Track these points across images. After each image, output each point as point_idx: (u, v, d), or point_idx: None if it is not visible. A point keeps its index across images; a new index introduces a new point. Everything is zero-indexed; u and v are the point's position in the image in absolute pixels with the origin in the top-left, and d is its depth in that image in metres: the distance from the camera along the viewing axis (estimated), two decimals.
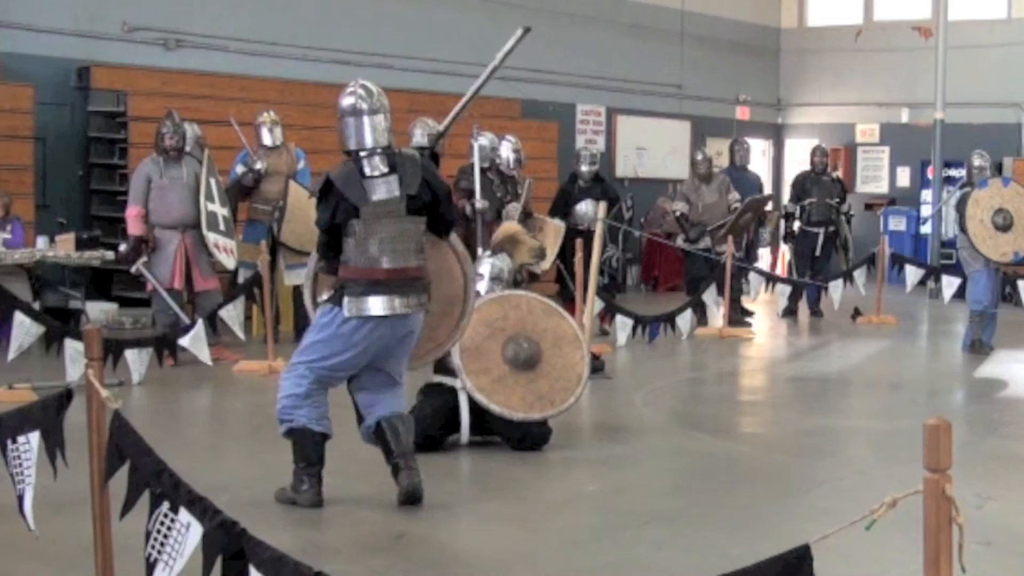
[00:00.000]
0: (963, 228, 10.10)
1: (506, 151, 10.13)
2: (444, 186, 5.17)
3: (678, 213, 12.03)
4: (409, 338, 5.08)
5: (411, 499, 5.02)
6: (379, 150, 4.95)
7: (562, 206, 10.99)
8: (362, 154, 4.95)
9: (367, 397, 5.17)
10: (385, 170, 4.92)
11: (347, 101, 4.99)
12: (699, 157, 12.15)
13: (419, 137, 8.78)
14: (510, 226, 8.22)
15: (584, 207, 10.78)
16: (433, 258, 5.22)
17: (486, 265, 6.74)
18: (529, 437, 6.18)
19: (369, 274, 4.89)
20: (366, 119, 4.95)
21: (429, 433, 5.98)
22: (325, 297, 5.11)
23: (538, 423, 6.22)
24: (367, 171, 4.91)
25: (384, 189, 4.91)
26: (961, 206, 10.15)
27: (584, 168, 11.08)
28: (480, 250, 7.69)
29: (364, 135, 4.95)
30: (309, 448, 5.04)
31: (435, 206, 5.08)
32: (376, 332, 4.93)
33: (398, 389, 5.18)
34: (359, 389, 5.18)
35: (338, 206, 4.89)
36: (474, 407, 6.16)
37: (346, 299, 4.90)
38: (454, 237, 5.43)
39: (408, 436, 5.11)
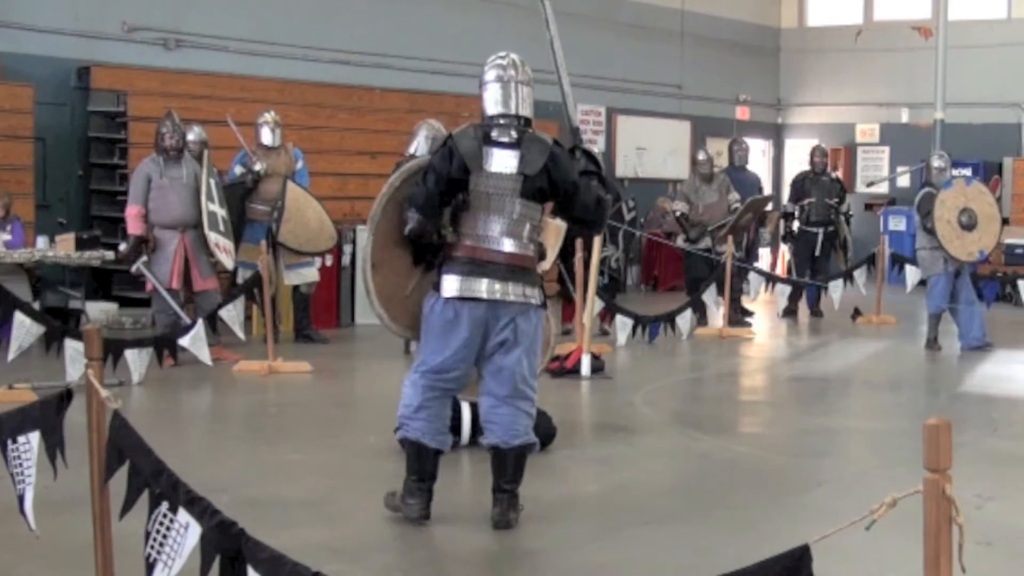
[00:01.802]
0: (926, 228, 10.15)
1: None
2: (568, 180, 4.75)
3: (678, 213, 12.04)
4: (517, 341, 4.71)
5: (499, 527, 4.80)
6: (515, 119, 4.74)
7: None
8: (496, 120, 4.73)
9: (487, 405, 4.84)
10: (510, 140, 4.69)
11: (495, 71, 4.80)
12: (701, 157, 12.15)
13: (423, 139, 8.70)
14: None
15: None
16: None
17: None
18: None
19: (473, 252, 4.65)
20: (514, 86, 4.78)
21: None
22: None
23: (546, 423, 6.21)
24: (494, 135, 4.69)
25: (502, 162, 4.67)
26: (923, 206, 10.19)
27: None
28: None
29: (510, 101, 4.75)
30: (422, 462, 4.79)
31: (560, 202, 4.82)
32: (476, 317, 4.64)
33: (522, 405, 4.81)
34: (481, 392, 4.88)
35: (453, 159, 4.65)
36: (476, 413, 6.15)
37: (444, 278, 4.66)
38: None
39: (516, 471, 4.82)
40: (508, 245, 4.69)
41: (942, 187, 10.20)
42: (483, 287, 4.63)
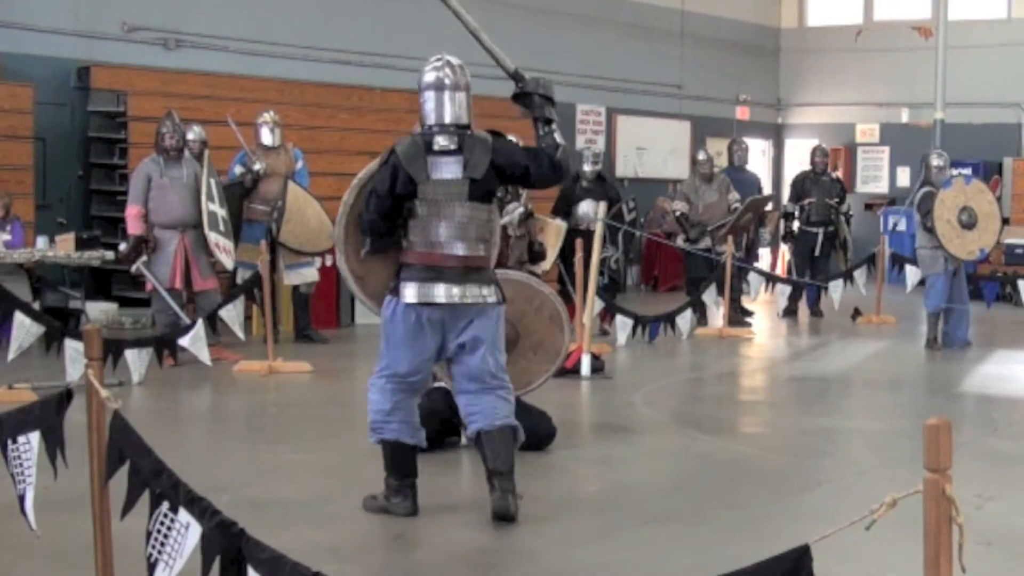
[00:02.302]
0: (926, 227, 10.15)
1: None
2: (519, 164, 4.88)
3: (678, 213, 12.02)
4: (480, 338, 4.84)
5: (500, 518, 4.82)
6: (453, 127, 4.83)
7: (564, 206, 11.00)
8: (435, 128, 4.84)
9: (465, 400, 4.98)
10: (452, 148, 4.79)
11: (430, 76, 4.89)
12: (702, 157, 12.14)
13: None
14: None
15: (585, 207, 10.78)
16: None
17: None
18: (535, 437, 6.17)
19: (428, 259, 4.78)
20: (447, 94, 4.86)
21: (428, 434, 5.96)
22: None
23: (546, 423, 6.21)
24: (435, 145, 4.79)
25: (447, 169, 4.80)
26: (923, 205, 10.19)
27: (587, 168, 11.09)
28: None
29: (444, 110, 4.85)
30: (402, 461, 4.93)
31: (523, 183, 5.07)
32: (434, 321, 4.78)
33: (499, 393, 4.94)
34: (457, 392, 5.04)
35: (397, 176, 4.77)
36: None
37: (403, 285, 4.78)
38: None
39: (505, 451, 4.86)
40: (460, 248, 4.81)
41: (942, 186, 10.19)
42: (441, 292, 4.77)
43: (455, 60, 4.94)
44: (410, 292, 4.76)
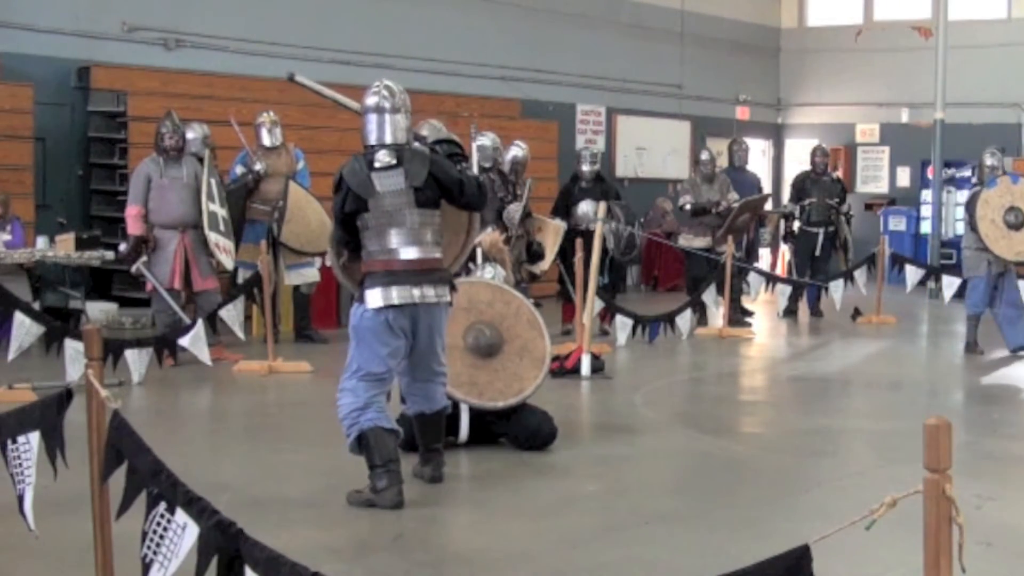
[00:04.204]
0: (973, 228, 10.05)
1: (515, 151, 10.14)
2: (453, 178, 5.29)
3: (688, 206, 11.90)
4: (433, 332, 5.25)
5: (435, 482, 5.41)
6: (392, 145, 5.22)
7: (563, 206, 10.98)
8: (376, 147, 5.22)
9: (408, 383, 5.42)
10: (392, 163, 5.18)
11: (371, 100, 5.28)
12: (705, 157, 12.12)
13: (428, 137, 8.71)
14: (494, 236, 8.31)
15: (585, 207, 10.77)
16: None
17: (487, 275, 6.73)
18: (536, 437, 6.17)
19: (387, 265, 5.14)
20: (387, 117, 5.25)
21: None
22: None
23: (548, 423, 6.22)
24: (376, 162, 5.18)
25: (390, 181, 5.17)
26: (971, 206, 10.10)
27: (586, 168, 11.08)
28: (479, 257, 7.68)
29: (384, 131, 5.24)
30: (383, 446, 5.07)
31: (451, 198, 5.32)
32: (398, 322, 5.11)
33: (441, 380, 5.42)
34: (402, 373, 5.39)
35: (347, 197, 5.18)
36: (475, 413, 6.16)
37: (367, 291, 5.13)
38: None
39: (441, 431, 5.48)
40: (415, 252, 5.18)
41: (987, 185, 10.10)
42: (402, 294, 5.12)
43: (395, 85, 5.36)
44: (374, 298, 5.10)
